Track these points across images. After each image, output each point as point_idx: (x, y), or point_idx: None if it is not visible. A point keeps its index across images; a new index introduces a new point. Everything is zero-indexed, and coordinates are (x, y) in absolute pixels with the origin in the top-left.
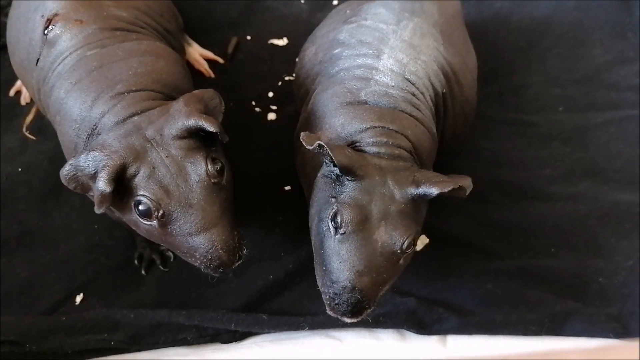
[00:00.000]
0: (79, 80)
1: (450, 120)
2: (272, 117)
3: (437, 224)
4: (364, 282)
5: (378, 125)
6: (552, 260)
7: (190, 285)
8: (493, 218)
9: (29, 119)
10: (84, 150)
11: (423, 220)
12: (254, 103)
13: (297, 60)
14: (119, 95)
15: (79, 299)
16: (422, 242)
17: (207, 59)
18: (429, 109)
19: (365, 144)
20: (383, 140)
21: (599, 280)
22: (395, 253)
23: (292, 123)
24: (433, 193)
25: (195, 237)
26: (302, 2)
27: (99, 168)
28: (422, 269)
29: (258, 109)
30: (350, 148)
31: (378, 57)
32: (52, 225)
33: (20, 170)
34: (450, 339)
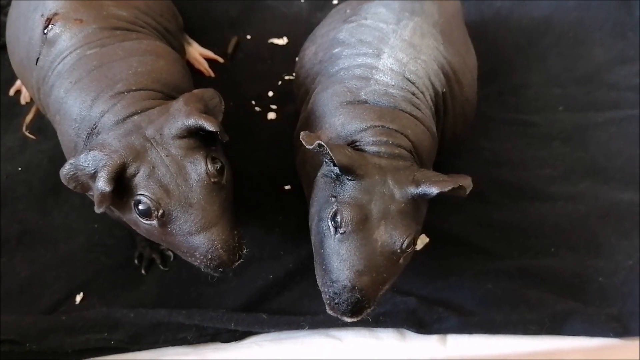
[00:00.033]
0: (79, 80)
1: (450, 120)
2: (272, 116)
3: (437, 224)
4: (364, 281)
5: (378, 125)
6: (552, 260)
7: (190, 285)
8: (493, 218)
9: (29, 119)
10: (84, 150)
11: (423, 220)
12: (254, 102)
13: (297, 60)
14: (119, 95)
15: (79, 298)
16: (422, 241)
17: (207, 59)
18: (429, 109)
19: (365, 143)
20: (383, 140)
21: (599, 280)
22: (395, 252)
23: (292, 122)
24: (433, 192)
25: (195, 236)
26: (302, 1)
27: (99, 167)
28: (422, 269)
29: (258, 109)
30: (350, 147)
31: (378, 56)
32: (52, 225)
33: (20, 170)
34: (450, 339)
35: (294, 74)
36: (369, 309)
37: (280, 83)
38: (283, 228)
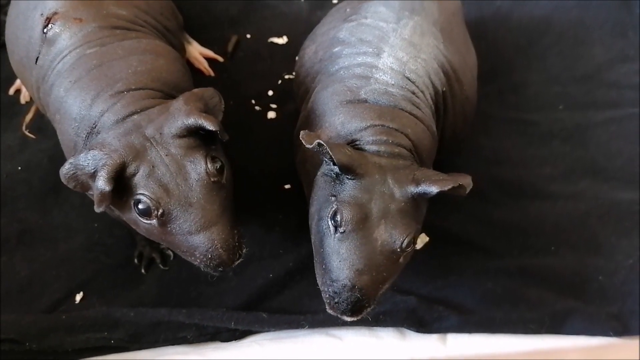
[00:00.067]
0: (79, 79)
1: (450, 119)
2: (272, 115)
3: (437, 223)
4: (364, 280)
5: (378, 124)
6: (552, 259)
7: (190, 284)
8: (493, 216)
9: (29, 118)
10: (84, 149)
11: (423, 219)
12: (254, 101)
13: (297, 59)
14: (119, 94)
15: (79, 298)
16: (422, 240)
17: (206, 58)
18: (429, 108)
19: (365, 143)
20: (383, 139)
21: (599, 279)
22: (395, 252)
23: (292, 121)
24: (433, 191)
25: (195, 235)
26: (302, 0)
27: (99, 167)
28: (422, 268)
29: (258, 108)
30: (350, 146)
31: (378, 55)
32: (52, 224)
33: (20, 169)
34: (450, 338)
35: (294, 73)
36: (369, 308)
37: (280, 82)
38: (283, 227)
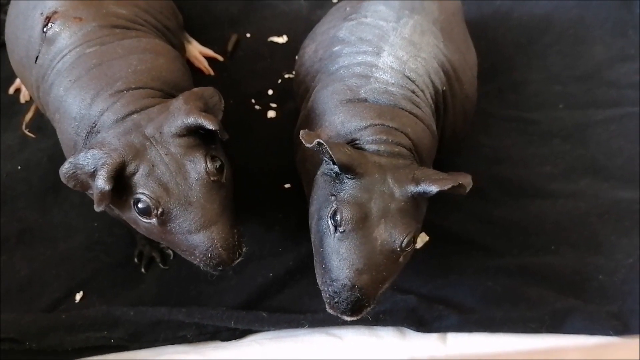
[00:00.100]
0: (78, 78)
1: (450, 118)
2: (271, 114)
3: (437, 222)
4: (364, 280)
5: (378, 123)
6: (552, 258)
7: (190, 283)
8: (493, 215)
9: (29, 117)
10: (83, 148)
11: (423, 218)
12: (254, 101)
13: (297, 58)
14: (119, 93)
15: (79, 297)
16: (422, 239)
17: (206, 57)
18: (429, 107)
19: (365, 142)
20: (383, 138)
21: (599, 278)
22: (395, 251)
23: (291, 120)
24: (433, 191)
25: (195, 235)
26: None
27: (98, 166)
28: (422, 267)
29: (258, 107)
30: (350, 146)
31: (378, 54)
32: (51, 223)
33: (20, 168)
34: (450, 337)
35: (294, 72)
36: (369, 308)
37: (280, 81)
38: (283, 226)
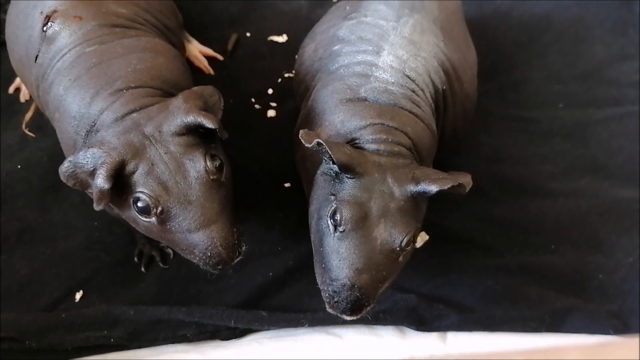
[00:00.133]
0: (78, 77)
1: (451, 117)
2: (271, 114)
3: (437, 221)
4: (364, 279)
5: (378, 122)
6: (552, 257)
7: (190, 282)
8: (493, 214)
9: (28, 116)
10: (83, 147)
11: (423, 217)
12: (254, 100)
13: (296, 57)
14: (118, 92)
15: (79, 296)
16: (422, 239)
17: (206, 56)
18: (429, 106)
19: (365, 141)
20: (382, 138)
21: (599, 277)
22: (395, 250)
23: (291, 120)
24: (432, 190)
25: (195, 233)
26: None
27: (98, 165)
28: (422, 266)
29: (258, 106)
30: (350, 145)
31: (378, 53)
32: (51, 222)
33: (20, 167)
34: (450, 336)
35: (294, 71)
36: (369, 307)
37: (280, 80)
38: (283, 225)
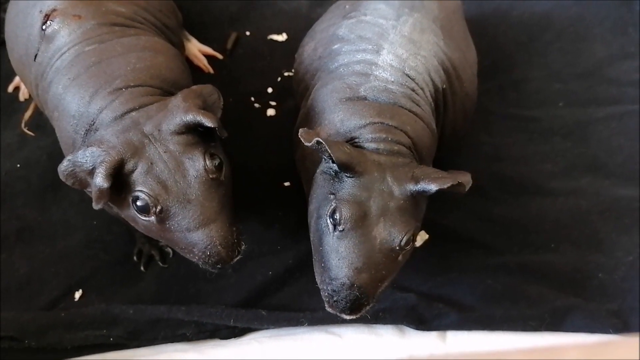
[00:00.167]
0: (77, 76)
1: (451, 116)
2: (271, 112)
3: (437, 220)
4: (363, 279)
5: (377, 121)
6: (552, 256)
7: (189, 281)
8: (493, 213)
9: (28, 115)
10: (82, 146)
11: (422, 216)
12: (253, 99)
13: (296, 56)
14: (117, 91)
15: (78, 295)
16: (421, 237)
17: (206, 55)
18: (429, 105)
19: (364, 140)
20: (382, 137)
21: (599, 276)
22: (394, 249)
23: (291, 119)
24: (432, 189)
25: (194, 232)
26: None
27: (97, 164)
28: (421, 265)
29: (257, 105)
30: (349, 144)
31: (377, 52)
32: (50, 221)
33: (19, 166)
34: (450, 335)
35: (293, 70)
36: (368, 307)
37: (280, 79)
38: (282, 224)
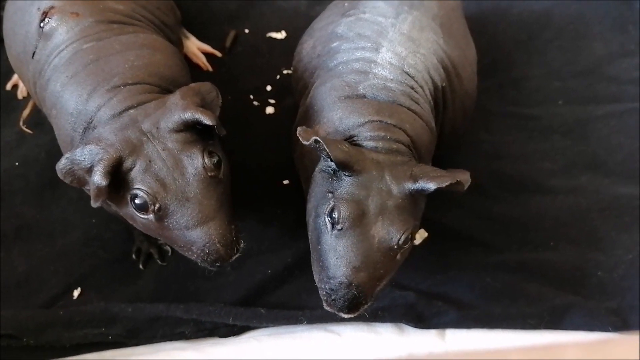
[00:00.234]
0: (75, 74)
1: (450, 114)
2: (270, 110)
3: (436, 218)
4: (361, 277)
5: (376, 119)
6: (551, 254)
7: (188, 279)
8: (493, 211)
9: (26, 113)
10: (80, 144)
11: (421, 215)
12: (252, 96)
13: (295, 54)
14: (115, 89)
15: (77, 293)
16: (421, 236)
17: (205, 53)
18: (428, 103)
19: (363, 138)
20: (381, 135)
21: (599, 274)
22: (392, 248)
23: (290, 116)
24: (430, 188)
25: (192, 230)
26: None
27: (95, 161)
28: (421, 263)
29: (256, 103)
30: (348, 142)
31: (377, 50)
32: (49, 219)
33: (18, 164)
34: (449, 333)
35: (292, 68)
36: (366, 305)
37: (279, 77)
38: (281, 222)
